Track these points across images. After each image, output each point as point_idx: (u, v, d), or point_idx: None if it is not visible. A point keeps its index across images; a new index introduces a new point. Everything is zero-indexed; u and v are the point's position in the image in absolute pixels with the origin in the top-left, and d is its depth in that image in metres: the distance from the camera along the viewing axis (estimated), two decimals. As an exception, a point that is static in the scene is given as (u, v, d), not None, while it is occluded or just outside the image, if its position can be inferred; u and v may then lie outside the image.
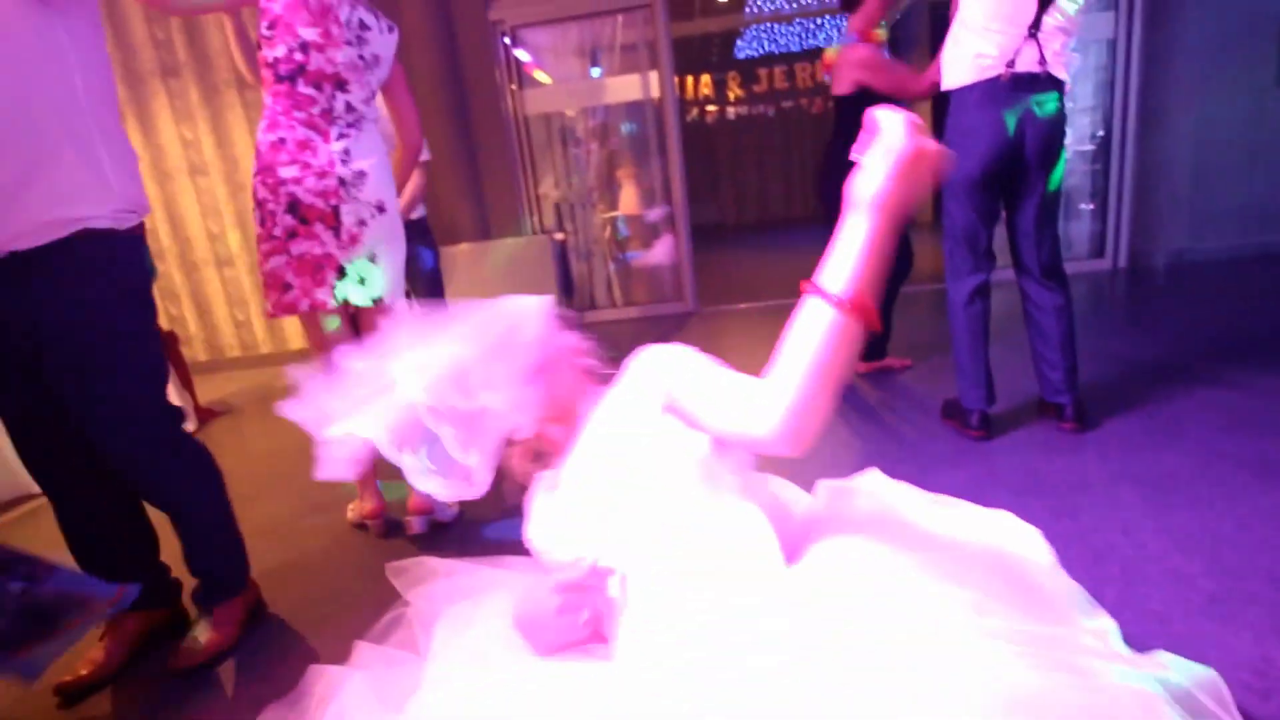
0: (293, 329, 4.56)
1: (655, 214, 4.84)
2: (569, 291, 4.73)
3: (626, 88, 4.53)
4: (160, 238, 4.38)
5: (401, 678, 1.10)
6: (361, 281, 1.75)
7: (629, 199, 4.92)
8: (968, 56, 1.88)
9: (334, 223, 1.68)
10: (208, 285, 4.50)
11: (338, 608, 1.58)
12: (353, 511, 2.05)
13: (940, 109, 2.04)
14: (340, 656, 1.20)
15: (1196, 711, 0.68)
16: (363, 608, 1.51)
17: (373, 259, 1.76)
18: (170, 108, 4.23)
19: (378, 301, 1.78)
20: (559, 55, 4.71)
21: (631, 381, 0.92)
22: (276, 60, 1.63)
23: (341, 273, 1.73)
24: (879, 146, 0.72)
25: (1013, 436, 2.03)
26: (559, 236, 4.58)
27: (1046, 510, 1.58)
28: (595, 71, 4.71)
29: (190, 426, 3.18)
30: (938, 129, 1.77)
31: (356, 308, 1.79)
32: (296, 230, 1.66)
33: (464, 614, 1.08)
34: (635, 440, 0.87)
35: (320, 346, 1.84)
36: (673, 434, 0.86)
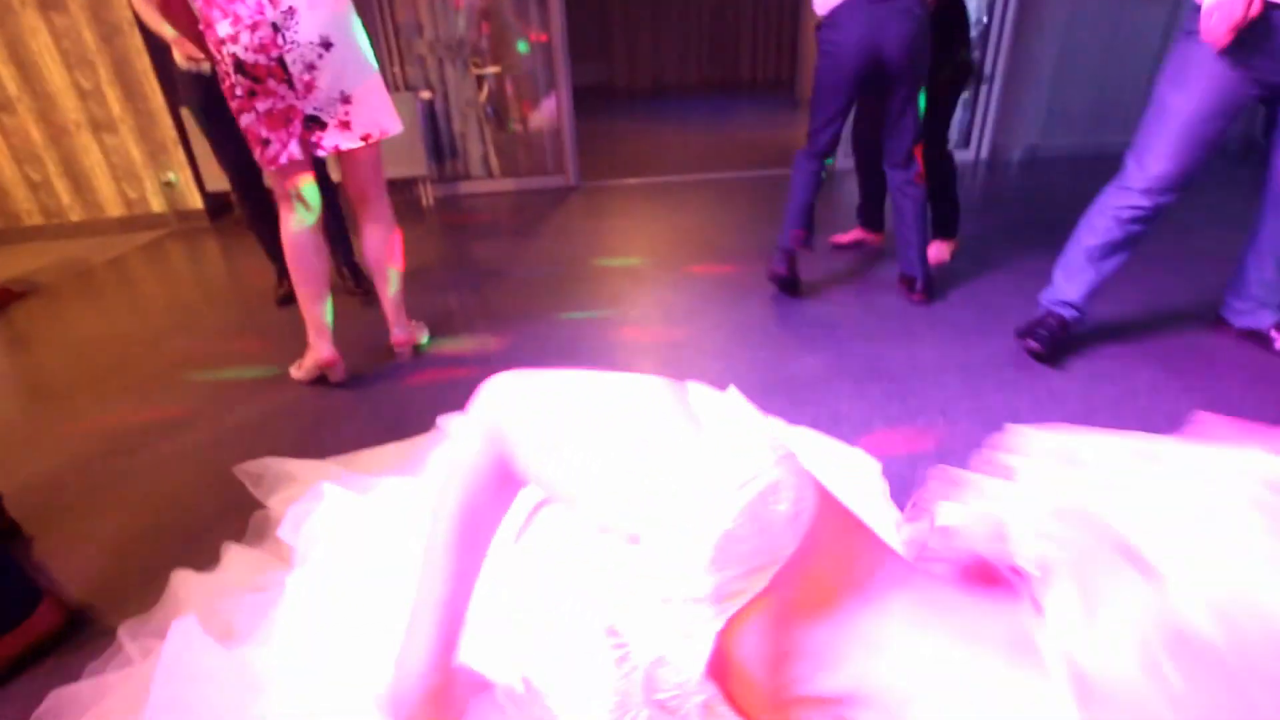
0: (108, 192, 3.91)
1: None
2: (439, 158, 4.35)
3: (499, -82, 3.94)
4: (-98, 69, 3.47)
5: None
6: (344, 126, 1.74)
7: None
8: None
9: (283, 75, 1.63)
10: (-17, 135, 3.69)
11: (198, 528, 1.50)
12: (299, 369, 2.03)
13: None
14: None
15: None
16: (223, 520, 1.45)
17: (344, 99, 1.71)
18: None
19: (367, 139, 1.78)
20: None
21: None
22: None
23: (314, 121, 1.71)
24: None
25: (864, 324, 2.20)
26: (425, 95, 4.12)
27: (882, 394, 1.76)
28: (461, -107, 4.03)
29: (-15, 310, 2.73)
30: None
31: (346, 150, 1.80)
32: (254, 89, 1.63)
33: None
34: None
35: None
36: None
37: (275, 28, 1.58)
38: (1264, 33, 1.42)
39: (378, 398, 1.94)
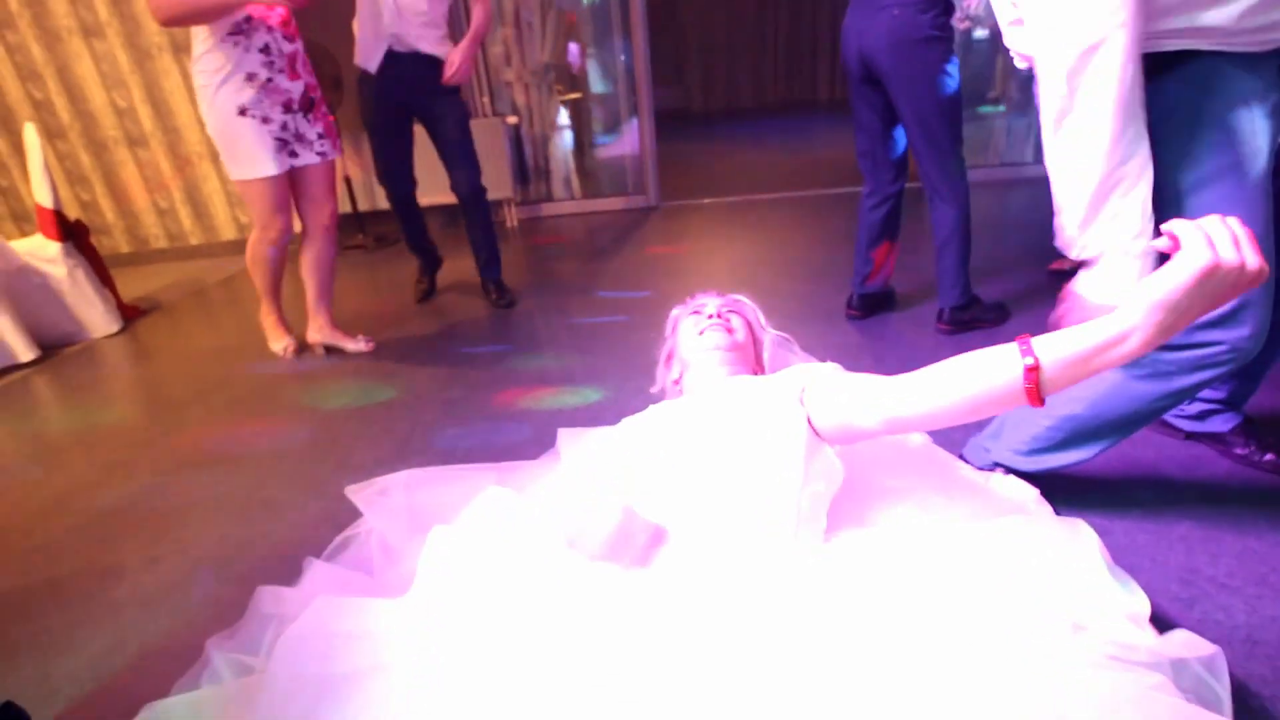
0: (223, 217, 4.21)
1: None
2: (524, 180, 4.45)
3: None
4: (58, 111, 3.88)
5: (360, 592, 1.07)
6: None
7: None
8: None
9: None
10: (121, 168, 4.06)
11: (282, 525, 1.53)
12: (286, 349, 2.49)
13: None
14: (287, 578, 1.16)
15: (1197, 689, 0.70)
16: (310, 524, 1.48)
17: None
18: (49, -49, 3.60)
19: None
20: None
21: (781, 377, 1.02)
22: None
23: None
24: (1188, 254, 0.66)
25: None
26: (512, 120, 4.23)
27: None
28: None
29: (114, 327, 2.96)
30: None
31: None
32: None
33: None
34: (753, 410, 0.96)
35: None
36: (784, 415, 0.93)
37: None
38: None
39: (468, 414, 1.94)
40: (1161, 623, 1.01)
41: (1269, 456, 1.31)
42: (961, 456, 1.34)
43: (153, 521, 1.57)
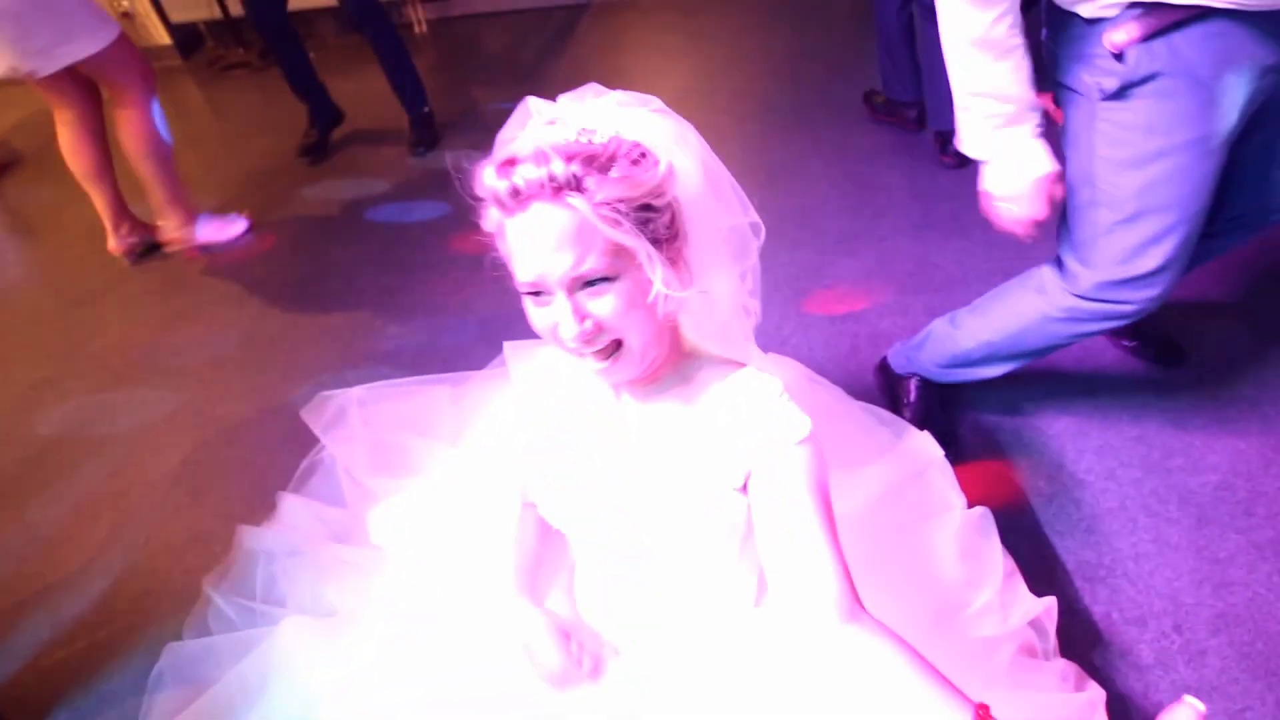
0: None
1: None
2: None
3: None
4: None
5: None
6: None
7: None
8: None
9: None
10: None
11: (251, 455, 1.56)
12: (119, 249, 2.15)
13: None
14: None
15: None
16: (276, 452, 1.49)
17: None
18: None
19: None
20: None
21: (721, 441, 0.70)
22: None
23: None
24: None
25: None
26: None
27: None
28: None
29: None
30: None
31: None
32: None
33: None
34: (684, 496, 0.72)
35: None
36: (721, 510, 0.71)
37: None
38: None
39: (411, 309, 1.90)
40: (1028, 516, 1.24)
41: (1152, 348, 1.49)
42: (884, 359, 1.46)
43: (109, 447, 1.59)
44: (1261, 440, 1.31)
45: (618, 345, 0.64)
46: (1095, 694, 0.89)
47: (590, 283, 0.60)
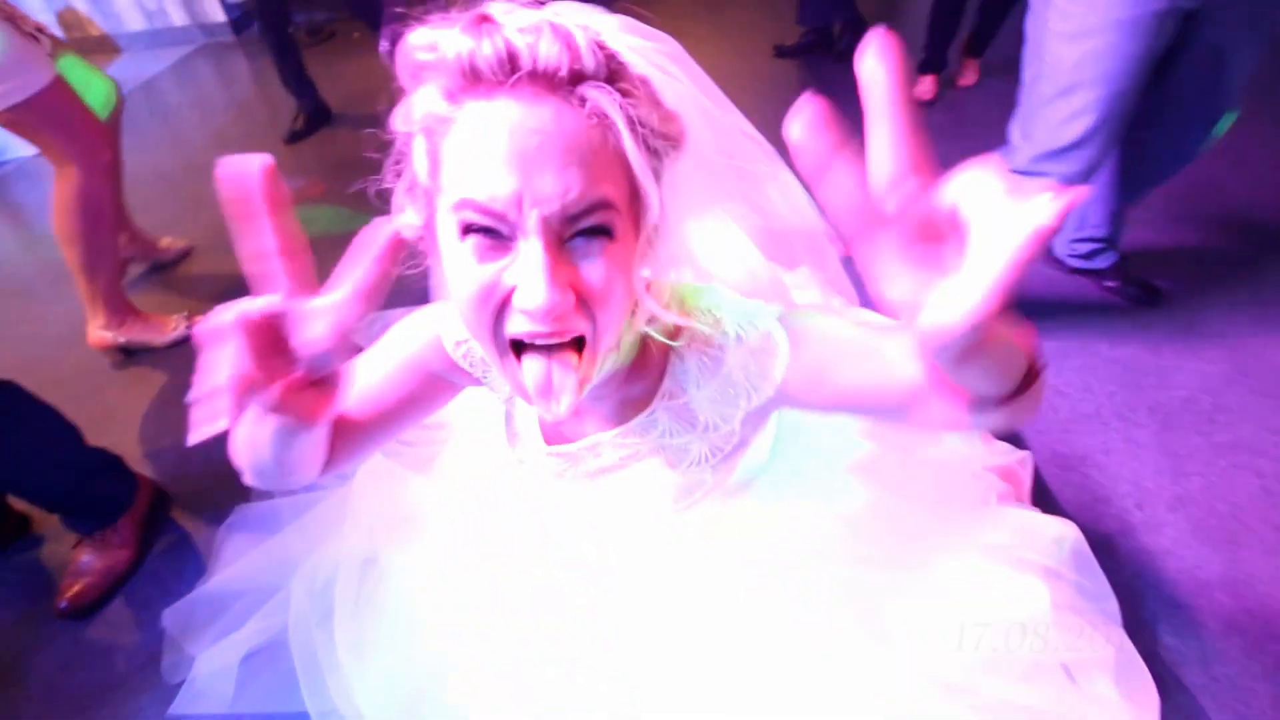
0: (124, 2, 3.70)
1: None
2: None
3: None
4: None
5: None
6: None
7: None
8: None
9: None
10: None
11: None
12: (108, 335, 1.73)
13: None
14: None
15: None
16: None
17: None
18: None
19: None
20: None
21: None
22: None
23: None
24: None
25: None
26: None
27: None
28: None
29: None
30: None
31: None
32: None
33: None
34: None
35: None
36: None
37: None
38: None
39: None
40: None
41: (1132, 289, 1.62)
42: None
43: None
44: (1228, 364, 1.44)
45: (578, 344, 0.45)
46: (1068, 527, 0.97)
47: (585, 232, 0.41)
